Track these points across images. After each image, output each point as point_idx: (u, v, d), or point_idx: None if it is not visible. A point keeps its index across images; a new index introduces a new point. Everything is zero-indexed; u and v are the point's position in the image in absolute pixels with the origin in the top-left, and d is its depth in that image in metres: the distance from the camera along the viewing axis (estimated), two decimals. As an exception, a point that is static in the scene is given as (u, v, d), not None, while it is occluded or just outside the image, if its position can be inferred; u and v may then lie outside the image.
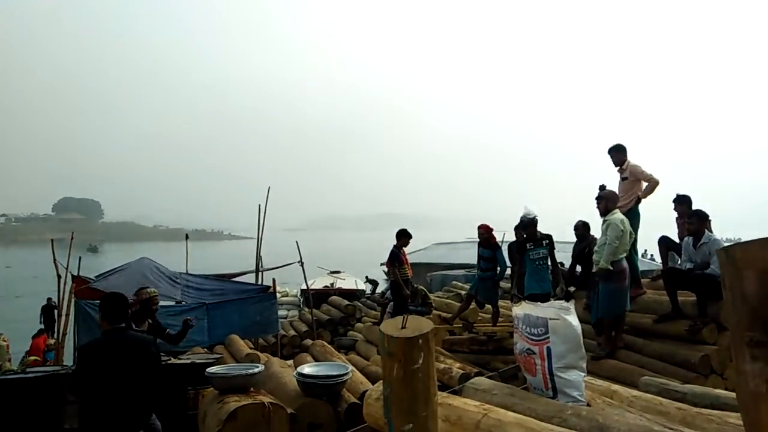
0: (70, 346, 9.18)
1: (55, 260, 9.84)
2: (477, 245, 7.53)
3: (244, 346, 8.50)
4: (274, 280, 10.67)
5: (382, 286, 16.57)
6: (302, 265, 11.76)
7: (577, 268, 7.60)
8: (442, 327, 7.76)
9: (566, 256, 8.23)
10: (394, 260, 8.17)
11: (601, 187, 6.59)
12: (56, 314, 11.14)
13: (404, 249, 8.36)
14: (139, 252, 12.55)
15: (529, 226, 6.59)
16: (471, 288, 7.83)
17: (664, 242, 7.02)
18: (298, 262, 11.73)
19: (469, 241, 21.11)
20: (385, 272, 13.48)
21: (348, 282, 18.53)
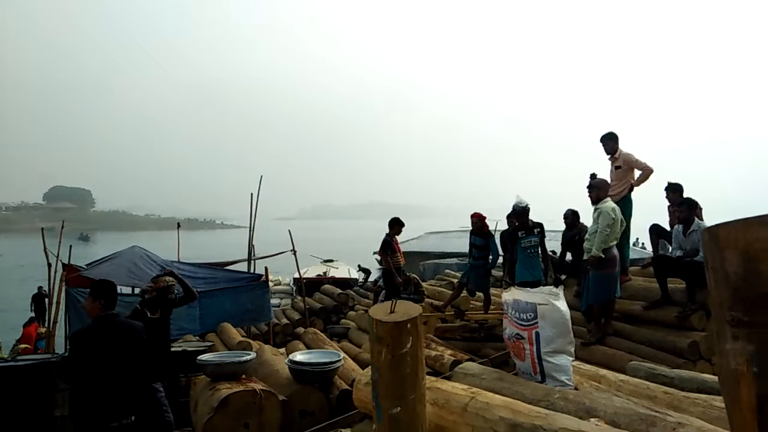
0: (61, 335, 9.15)
1: (45, 249, 9.78)
2: (469, 233, 7.54)
3: (236, 334, 8.50)
4: (267, 269, 10.65)
5: (375, 275, 16.60)
6: (295, 254, 11.74)
7: (568, 256, 7.64)
8: (433, 315, 7.78)
9: (556, 245, 8.28)
10: (387, 248, 8.16)
11: (593, 176, 6.61)
12: (47, 303, 11.09)
13: (397, 237, 8.36)
14: (131, 241, 12.47)
15: (521, 214, 6.62)
16: (462, 276, 7.85)
17: (655, 230, 7.09)
18: (291, 251, 11.71)
19: (462, 230, 21.17)
20: (378, 261, 13.49)
21: (341, 271, 18.55)
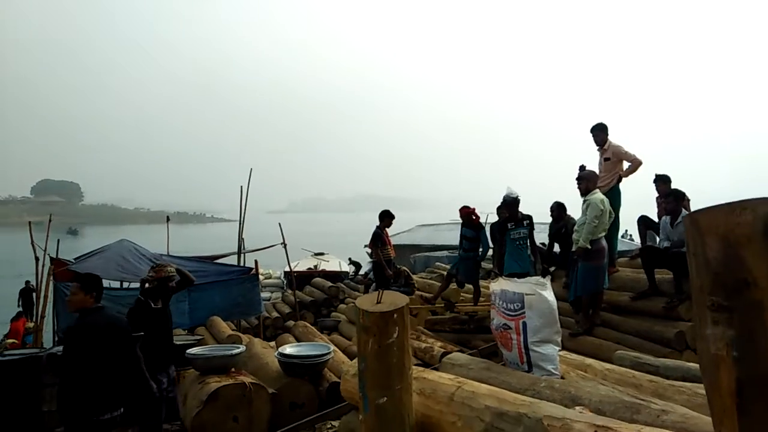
0: (49, 330, 9.07)
1: (32, 243, 9.68)
2: (460, 225, 7.55)
3: (225, 328, 8.47)
4: (257, 262, 10.61)
5: (365, 269, 16.60)
6: (285, 247, 11.70)
7: (556, 248, 7.68)
8: (424, 307, 7.80)
9: (545, 237, 8.31)
10: (377, 241, 8.15)
11: (581, 168, 6.63)
12: (35, 297, 10.99)
13: (387, 230, 8.35)
14: (120, 234, 12.37)
15: (512, 205, 6.64)
16: (452, 267, 7.87)
17: (643, 221, 7.14)
18: (281, 244, 11.67)
19: (453, 223, 21.21)
20: (369, 253, 13.49)
21: (332, 264, 18.54)
